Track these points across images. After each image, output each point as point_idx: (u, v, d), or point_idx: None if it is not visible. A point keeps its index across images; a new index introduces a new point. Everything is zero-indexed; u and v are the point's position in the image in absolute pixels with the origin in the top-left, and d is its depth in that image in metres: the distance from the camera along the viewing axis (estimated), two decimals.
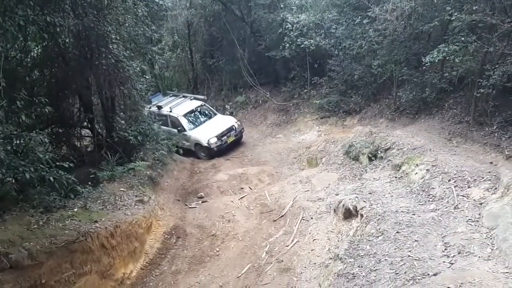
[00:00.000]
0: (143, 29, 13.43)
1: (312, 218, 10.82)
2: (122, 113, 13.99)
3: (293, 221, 11.01)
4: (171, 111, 18.20)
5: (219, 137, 17.59)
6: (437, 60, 12.30)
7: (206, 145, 17.40)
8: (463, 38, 11.54)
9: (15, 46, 11.85)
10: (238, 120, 19.12)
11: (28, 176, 8.14)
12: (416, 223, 7.66)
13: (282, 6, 20.64)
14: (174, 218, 12.40)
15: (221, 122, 18.44)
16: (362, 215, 8.69)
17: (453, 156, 10.15)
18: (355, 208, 9.12)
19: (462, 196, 8.13)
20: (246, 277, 9.45)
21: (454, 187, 8.46)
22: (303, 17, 18.63)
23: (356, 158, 12.79)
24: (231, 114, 21.44)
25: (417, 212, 8.13)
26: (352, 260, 7.27)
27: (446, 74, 13.46)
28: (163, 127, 17.58)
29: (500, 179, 8.05)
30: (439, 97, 13.89)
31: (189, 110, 18.62)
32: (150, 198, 11.90)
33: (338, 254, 7.76)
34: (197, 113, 18.86)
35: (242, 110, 22.54)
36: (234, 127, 18.27)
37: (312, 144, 16.33)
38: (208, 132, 17.74)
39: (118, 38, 11.99)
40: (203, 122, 18.56)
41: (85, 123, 14.31)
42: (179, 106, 18.66)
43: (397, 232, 7.51)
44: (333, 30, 18.08)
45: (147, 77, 15.40)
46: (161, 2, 16.98)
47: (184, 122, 18.05)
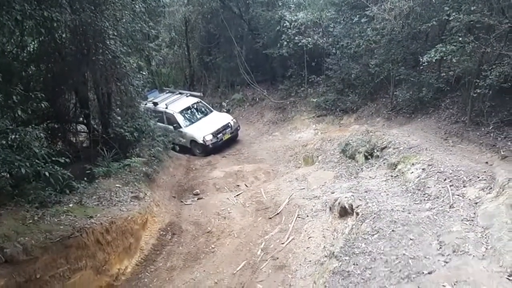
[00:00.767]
0: (140, 25, 13.37)
1: (307, 216, 10.83)
2: (118, 109, 13.96)
3: (289, 219, 11.01)
4: (167, 108, 18.22)
5: (215, 134, 17.60)
6: (434, 59, 12.34)
7: (202, 142, 17.43)
8: (460, 38, 11.56)
9: (12, 41, 11.83)
10: (234, 118, 19.11)
11: (24, 171, 8.10)
12: (411, 222, 7.68)
13: (280, 4, 20.60)
14: (170, 214, 12.39)
15: (217, 119, 18.45)
16: (357, 213, 8.70)
17: (449, 155, 10.19)
18: (351, 206, 9.13)
19: (458, 195, 8.16)
20: (241, 274, 9.44)
21: (450, 186, 8.49)
22: (301, 15, 18.60)
23: (353, 157, 12.83)
24: (228, 111, 21.44)
25: (413, 211, 8.15)
26: (347, 258, 7.29)
27: (443, 74, 13.50)
28: (159, 123, 17.56)
29: (495, 179, 8.09)
30: (436, 97, 13.93)
31: (185, 107, 18.63)
32: (145, 194, 11.88)
33: (334, 252, 7.78)
34: (193, 110, 18.86)
35: (239, 108, 22.53)
36: (230, 125, 18.28)
37: (308, 142, 16.35)
38: (204, 129, 17.75)
39: (115, 34, 11.96)
40: (199, 119, 18.55)
41: (81, 119, 14.27)
42: (175, 103, 18.67)
43: (393, 230, 7.54)
44: (331, 29, 18.09)
45: (143, 73, 15.43)
46: None
47: (179, 119, 18.06)
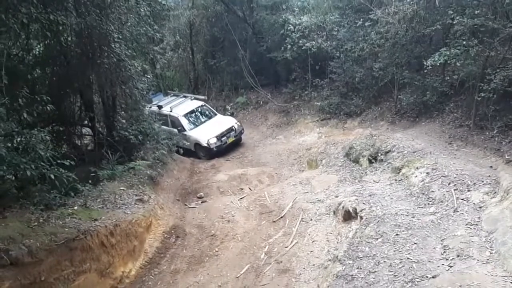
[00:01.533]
0: (145, 28, 13.45)
1: (311, 219, 10.82)
2: (123, 112, 14.02)
3: (293, 222, 11.01)
4: (171, 111, 18.20)
5: (219, 137, 17.54)
6: (438, 63, 12.35)
7: (206, 145, 17.38)
8: (464, 42, 11.58)
9: (17, 44, 11.88)
10: (238, 121, 19.08)
11: (29, 173, 8.14)
12: (415, 226, 7.68)
13: (284, 7, 20.67)
14: (174, 217, 12.41)
15: (221, 123, 18.41)
16: (361, 217, 8.70)
17: (453, 159, 10.17)
18: (355, 210, 9.14)
19: (462, 199, 8.16)
20: (245, 278, 9.45)
21: (454, 190, 8.49)
22: (305, 19, 18.65)
23: (356, 161, 12.82)
24: (231, 114, 21.46)
25: (417, 215, 8.15)
26: (351, 261, 7.29)
27: (447, 78, 13.50)
28: (164, 127, 17.60)
29: (500, 183, 8.09)
30: (440, 101, 13.92)
31: (189, 110, 18.59)
32: (150, 197, 11.90)
33: (337, 256, 7.78)
34: (197, 113, 18.81)
35: (242, 111, 22.54)
36: (234, 128, 18.21)
37: (312, 146, 16.34)
38: (208, 132, 17.70)
39: (120, 37, 12.00)
40: (203, 122, 18.51)
41: (86, 122, 14.34)
42: (179, 106, 18.65)
43: (397, 234, 7.54)
44: (335, 32, 18.11)
45: (148, 76, 15.44)
46: (163, 2, 16.96)
47: (184, 122, 18.04)
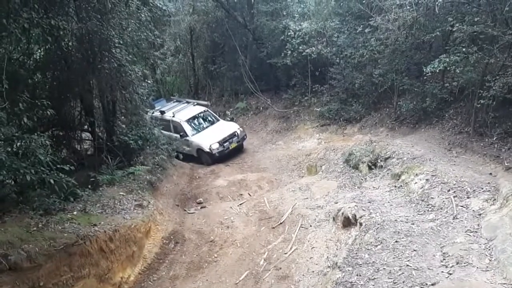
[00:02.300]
0: (146, 34, 13.48)
1: (311, 226, 10.80)
2: (123, 117, 14.03)
3: (292, 229, 10.99)
4: (173, 116, 18.20)
5: (221, 143, 17.44)
6: (438, 70, 12.39)
7: (208, 150, 17.29)
8: (464, 49, 11.61)
9: (18, 48, 11.89)
10: (241, 126, 18.98)
11: (29, 178, 8.13)
12: (415, 233, 7.67)
13: (284, 13, 20.76)
14: (173, 223, 12.39)
15: (224, 128, 18.32)
16: (361, 224, 8.69)
17: (453, 166, 10.17)
18: (354, 216, 9.13)
19: (461, 206, 8.16)
20: (244, 284, 9.43)
21: (454, 197, 8.49)
22: (305, 25, 18.71)
23: (356, 167, 12.82)
24: (231, 120, 21.45)
25: (416, 221, 8.14)
26: (350, 268, 7.27)
27: (446, 84, 13.53)
28: (166, 132, 17.55)
29: (499, 190, 8.09)
30: (440, 107, 13.94)
31: (191, 115, 18.56)
32: (149, 202, 11.88)
33: (337, 263, 7.76)
34: (199, 119, 18.76)
35: (242, 116, 22.57)
36: (236, 133, 18.10)
37: (312, 152, 16.34)
38: (210, 137, 17.63)
39: (121, 42, 12.04)
40: (206, 127, 18.45)
41: (86, 127, 14.34)
42: (182, 112, 18.64)
43: (396, 241, 7.53)
44: (335, 39, 18.15)
45: (148, 81, 15.45)
46: (164, 8, 17.06)
47: (186, 127, 18.00)
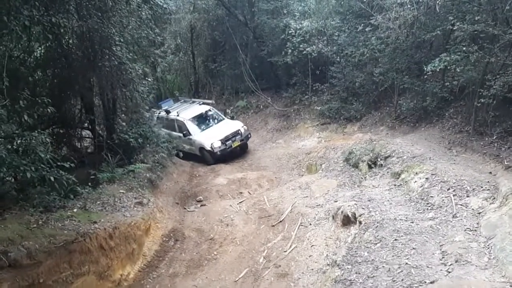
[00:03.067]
0: (146, 32, 13.50)
1: (310, 224, 10.81)
2: (123, 115, 14.04)
3: (292, 227, 11.00)
4: (178, 116, 18.06)
5: (223, 141, 17.16)
6: (438, 69, 12.38)
7: (209, 148, 17.04)
8: (464, 48, 11.60)
9: (19, 46, 11.92)
10: (245, 125, 18.64)
11: (29, 175, 8.16)
12: (414, 231, 7.67)
13: (285, 12, 20.73)
14: (173, 221, 12.40)
15: (227, 126, 18.02)
16: (360, 222, 8.69)
17: (453, 165, 10.17)
18: (354, 215, 9.13)
19: (461, 205, 8.16)
20: (243, 282, 9.44)
21: (453, 196, 8.49)
22: (306, 23, 18.71)
23: (356, 165, 12.83)
24: (232, 118, 21.41)
25: (416, 220, 8.15)
26: (349, 266, 7.28)
27: (447, 84, 13.52)
28: (172, 132, 17.58)
29: (499, 189, 8.09)
30: (440, 106, 13.95)
31: (195, 114, 18.34)
32: (149, 200, 11.90)
33: (336, 261, 7.77)
34: (204, 118, 18.49)
35: (243, 115, 22.57)
36: (240, 132, 17.76)
37: (312, 150, 16.35)
38: (212, 136, 17.41)
39: (122, 40, 12.05)
40: (209, 126, 18.20)
41: (86, 124, 14.37)
42: (186, 111, 18.48)
43: (395, 239, 7.53)
44: (336, 37, 18.16)
45: (149, 79, 15.45)
46: (165, 6, 17.04)
47: (189, 126, 17.79)
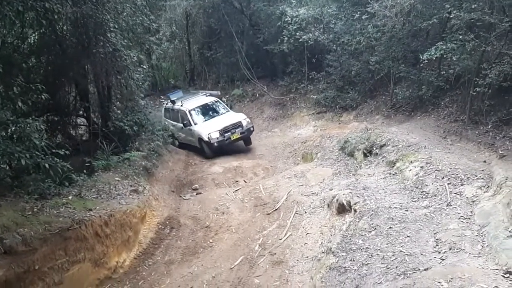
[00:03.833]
0: (141, 18, 13.36)
1: (305, 212, 10.86)
2: (118, 103, 14.00)
3: (287, 215, 11.04)
4: (181, 106, 17.71)
5: (222, 132, 16.46)
6: (434, 57, 12.36)
7: (207, 139, 16.40)
8: (461, 36, 11.55)
9: (12, 32, 11.80)
10: (249, 118, 17.79)
11: (24, 162, 8.11)
12: (408, 219, 7.71)
13: None
14: (168, 209, 12.42)
15: (228, 118, 17.28)
16: (355, 210, 8.73)
17: (448, 154, 10.20)
18: (349, 203, 9.16)
19: (455, 193, 8.19)
20: (238, 269, 9.48)
21: (448, 184, 8.52)
22: (302, 11, 18.60)
23: (351, 154, 12.85)
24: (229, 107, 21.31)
25: (410, 208, 8.18)
26: (344, 254, 7.32)
27: (443, 72, 13.51)
28: (177, 123, 17.52)
29: (493, 178, 8.12)
30: (435, 95, 13.95)
31: (198, 105, 17.86)
32: (144, 188, 11.90)
33: (331, 248, 7.81)
34: (207, 109, 17.98)
35: (238, 103, 22.54)
36: (241, 124, 16.92)
37: (307, 139, 16.37)
38: (212, 126, 16.77)
39: (116, 27, 11.94)
40: (212, 117, 17.61)
41: (81, 112, 14.29)
42: (189, 101, 18.03)
43: (390, 227, 7.57)
44: (332, 25, 18.08)
45: (144, 67, 15.35)
46: None
47: (191, 116, 17.28)
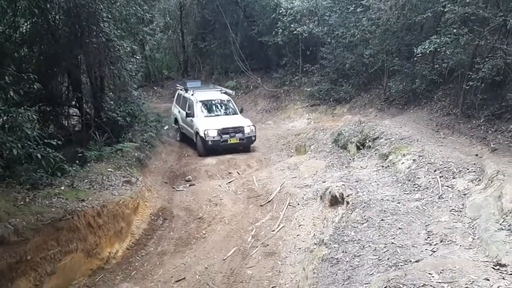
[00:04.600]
0: (135, 8, 13.25)
1: (298, 204, 10.91)
2: (111, 93, 13.89)
3: (280, 207, 11.09)
4: (192, 95, 17.28)
5: (220, 132, 15.57)
6: (428, 51, 12.40)
7: (202, 135, 15.61)
8: (455, 30, 11.60)
9: (4, 21, 11.67)
10: (253, 125, 16.51)
11: (16, 152, 8.03)
12: (400, 212, 7.77)
13: None
14: (161, 200, 12.41)
15: (232, 120, 16.38)
16: (348, 202, 8.77)
17: (440, 147, 10.27)
18: (342, 195, 9.21)
19: (447, 186, 8.26)
20: (231, 260, 9.52)
21: (439, 177, 8.58)
22: (297, 3, 18.56)
23: (344, 147, 12.91)
24: None
25: (402, 200, 8.24)
26: (336, 245, 7.36)
27: (436, 66, 13.56)
28: (182, 110, 17.39)
29: (485, 171, 8.18)
30: (429, 89, 14.01)
31: (208, 98, 17.34)
32: (137, 179, 11.85)
33: (323, 240, 7.85)
34: (216, 105, 17.39)
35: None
36: (242, 129, 15.90)
37: (301, 132, 16.40)
38: (212, 123, 15.94)
39: (110, 16, 11.83)
40: (217, 115, 16.93)
41: (74, 102, 14.18)
42: (201, 93, 17.62)
43: (382, 219, 7.62)
44: (327, 18, 18.07)
45: (137, 57, 15.20)
46: None
47: (196, 107, 16.73)
